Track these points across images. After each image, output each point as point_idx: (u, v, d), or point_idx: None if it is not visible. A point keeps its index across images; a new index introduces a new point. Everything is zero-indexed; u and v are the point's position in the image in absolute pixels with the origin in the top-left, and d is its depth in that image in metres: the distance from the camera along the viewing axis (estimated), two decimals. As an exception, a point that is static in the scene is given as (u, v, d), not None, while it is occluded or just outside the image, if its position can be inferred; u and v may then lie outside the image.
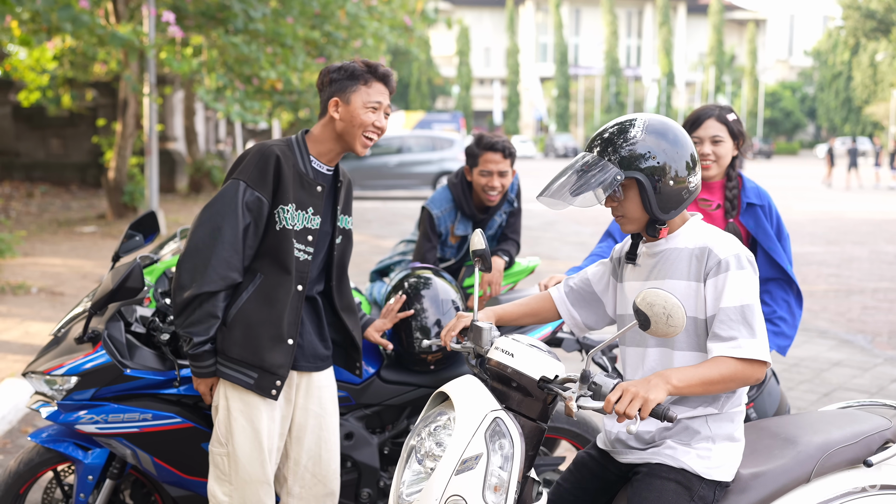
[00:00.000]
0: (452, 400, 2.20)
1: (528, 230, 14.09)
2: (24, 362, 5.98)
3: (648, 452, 2.30)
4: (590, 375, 2.09)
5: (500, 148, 3.89)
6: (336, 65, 2.80)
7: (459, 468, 2.08)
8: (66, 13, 8.99)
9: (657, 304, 1.99)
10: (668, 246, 2.31)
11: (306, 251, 2.78)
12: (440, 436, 2.18)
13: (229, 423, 2.76)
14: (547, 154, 57.40)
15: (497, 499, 2.09)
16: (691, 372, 2.13)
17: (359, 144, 2.78)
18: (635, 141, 2.22)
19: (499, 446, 2.11)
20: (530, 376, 2.17)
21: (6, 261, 9.71)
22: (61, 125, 19.53)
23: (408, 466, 2.23)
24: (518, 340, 2.25)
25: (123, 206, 14.21)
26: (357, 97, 2.74)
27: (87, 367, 2.96)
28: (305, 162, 2.79)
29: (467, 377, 2.27)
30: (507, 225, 4.14)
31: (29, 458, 3.13)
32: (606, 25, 67.38)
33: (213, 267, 2.65)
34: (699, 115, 3.32)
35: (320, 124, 2.82)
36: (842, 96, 63.79)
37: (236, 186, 2.69)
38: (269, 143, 2.77)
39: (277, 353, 2.74)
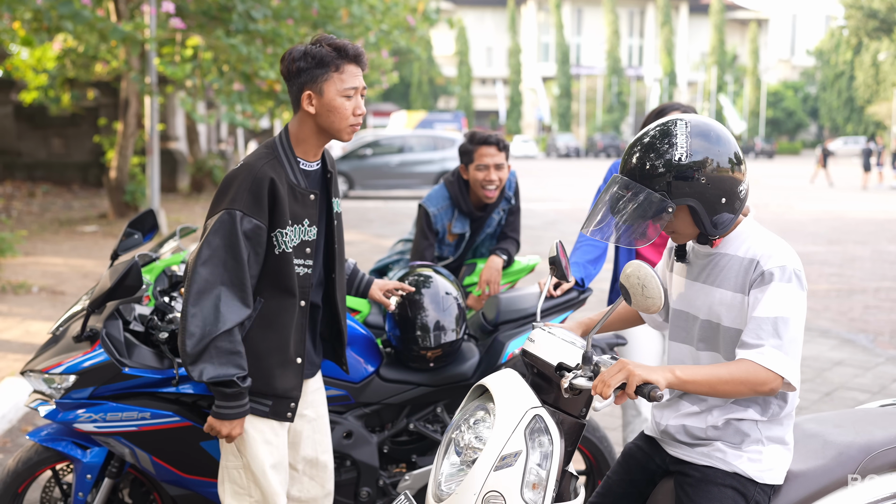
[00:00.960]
0: (493, 394, 2.18)
1: (530, 229, 14.08)
2: (24, 361, 5.98)
3: (697, 452, 2.26)
4: (591, 357, 2.08)
5: (493, 141, 3.90)
6: (300, 49, 2.53)
7: (498, 464, 2.08)
8: (66, 9, 8.99)
9: (633, 275, 2.00)
10: (719, 251, 2.25)
11: (305, 265, 2.61)
12: (479, 429, 2.18)
13: (242, 436, 2.63)
14: (549, 154, 57.37)
15: (535, 496, 2.08)
16: (700, 368, 2.09)
17: (344, 134, 2.58)
18: (682, 161, 2.11)
19: (538, 444, 2.11)
20: (548, 362, 2.17)
21: (7, 260, 9.71)
22: (63, 125, 19.55)
23: (446, 458, 2.22)
24: (546, 329, 2.25)
25: (125, 205, 14.21)
26: (330, 87, 2.51)
27: (85, 365, 2.95)
28: (295, 170, 2.59)
29: (507, 371, 2.26)
30: (507, 223, 4.13)
31: (27, 457, 3.12)
32: (608, 25, 67.32)
33: (224, 307, 2.45)
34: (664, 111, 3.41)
35: (297, 121, 2.60)
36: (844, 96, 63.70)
37: (233, 217, 2.46)
38: (259, 161, 2.53)
39: (289, 377, 2.63)
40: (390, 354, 3.38)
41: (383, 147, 22.10)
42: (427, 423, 3.40)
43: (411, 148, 22.00)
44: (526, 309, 3.42)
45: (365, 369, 3.26)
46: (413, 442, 3.43)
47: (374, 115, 49.87)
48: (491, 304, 3.54)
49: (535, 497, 2.08)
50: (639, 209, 2.12)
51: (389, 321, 3.31)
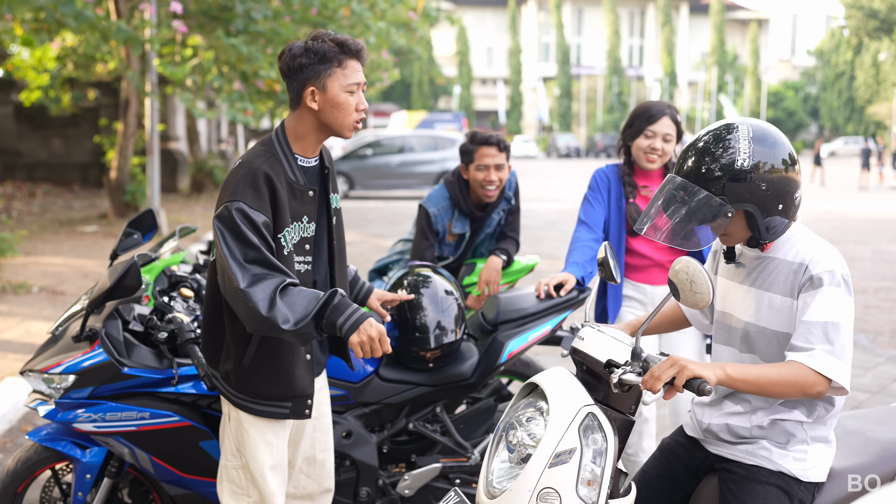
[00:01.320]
0: (545, 392, 2.20)
1: (530, 229, 14.08)
2: (24, 361, 5.96)
3: (742, 450, 2.29)
4: (641, 353, 2.11)
5: (494, 141, 3.90)
6: (300, 45, 2.50)
7: (553, 461, 2.10)
8: (69, 9, 9.00)
9: (681, 270, 2.03)
10: (769, 255, 2.27)
11: (305, 262, 2.59)
12: (531, 427, 2.19)
13: (241, 436, 2.63)
14: (549, 154, 57.36)
15: (590, 493, 2.11)
16: (750, 367, 2.11)
17: (347, 130, 2.55)
18: (743, 167, 2.12)
19: (592, 441, 2.13)
20: (597, 359, 2.20)
21: (7, 260, 9.71)
22: (63, 125, 19.55)
23: (496, 455, 2.24)
24: (595, 328, 2.29)
25: (125, 205, 14.21)
26: (334, 83, 2.48)
27: (84, 365, 2.96)
28: (293, 167, 2.55)
29: (558, 368, 2.29)
30: (507, 223, 4.13)
31: (27, 457, 3.12)
32: (608, 25, 67.31)
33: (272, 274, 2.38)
34: (654, 112, 3.53)
35: (296, 117, 2.56)
36: (844, 96, 63.67)
37: (233, 208, 2.40)
38: (256, 159, 2.49)
39: (302, 376, 2.61)
40: (390, 355, 3.38)
41: (384, 147, 22.10)
42: (426, 422, 3.40)
43: (412, 148, 22.00)
44: (525, 309, 3.42)
45: (364, 369, 3.26)
46: (412, 442, 3.43)
47: (375, 115, 49.89)
48: (490, 304, 3.53)
49: (590, 494, 2.10)
50: (696, 212, 2.14)
51: (389, 321, 3.31)
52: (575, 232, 3.64)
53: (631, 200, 3.61)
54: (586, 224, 3.60)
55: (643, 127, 3.55)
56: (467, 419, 3.44)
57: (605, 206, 3.64)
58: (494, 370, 3.34)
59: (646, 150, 3.55)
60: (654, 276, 3.66)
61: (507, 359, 3.34)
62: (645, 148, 3.55)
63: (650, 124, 3.53)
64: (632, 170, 3.67)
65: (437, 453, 3.37)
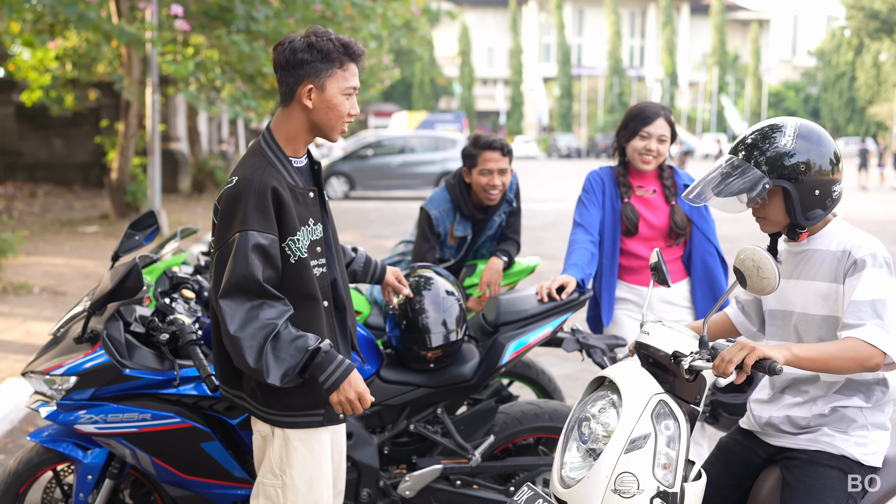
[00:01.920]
0: (617, 383, 2.29)
1: (530, 230, 14.08)
2: (25, 362, 5.98)
3: (804, 438, 2.39)
4: (707, 341, 2.23)
5: (498, 146, 3.90)
6: (301, 39, 2.43)
7: (628, 447, 2.18)
8: (72, 10, 9.02)
9: (747, 258, 2.14)
10: (810, 247, 2.41)
11: (320, 264, 2.53)
12: (604, 417, 2.28)
13: (288, 452, 2.52)
14: (550, 154, 57.35)
15: (666, 475, 2.19)
16: (812, 346, 2.23)
17: (335, 133, 2.51)
18: (785, 148, 2.30)
19: (664, 427, 2.22)
20: (664, 351, 2.28)
21: (8, 260, 9.71)
22: (64, 125, 19.55)
23: (568, 449, 2.33)
24: (662, 323, 2.37)
25: (126, 206, 14.22)
26: (333, 84, 2.43)
27: (86, 366, 2.96)
28: (291, 172, 2.49)
29: (627, 362, 2.39)
30: (507, 225, 4.14)
31: (28, 458, 3.13)
32: (609, 25, 67.31)
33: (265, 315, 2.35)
34: (649, 114, 3.60)
35: (286, 115, 2.50)
36: (845, 97, 63.67)
37: (246, 238, 2.35)
38: (255, 173, 2.42)
39: None
40: (391, 355, 3.38)
41: (384, 148, 22.10)
42: (427, 424, 3.41)
43: (412, 149, 21.99)
44: (526, 310, 3.42)
45: (365, 370, 3.26)
46: (413, 443, 3.43)
47: (376, 115, 49.89)
48: (491, 305, 3.54)
49: (666, 476, 2.19)
50: (739, 180, 2.30)
51: (390, 322, 3.31)
52: (571, 234, 3.67)
53: (626, 200, 3.65)
54: (582, 226, 3.64)
55: (638, 128, 3.60)
56: (468, 420, 3.45)
57: (600, 208, 3.68)
58: (495, 371, 3.34)
59: (641, 152, 3.60)
60: (648, 277, 3.67)
61: (508, 360, 3.34)
62: (640, 149, 3.60)
63: (645, 126, 3.59)
64: (626, 170, 3.70)
65: (437, 454, 3.37)
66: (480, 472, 3.39)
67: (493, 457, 3.48)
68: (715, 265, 3.68)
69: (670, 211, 3.65)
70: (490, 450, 3.40)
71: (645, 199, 3.68)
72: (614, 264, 3.69)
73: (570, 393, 5.61)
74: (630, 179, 3.69)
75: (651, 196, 3.68)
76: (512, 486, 3.42)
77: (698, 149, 53.64)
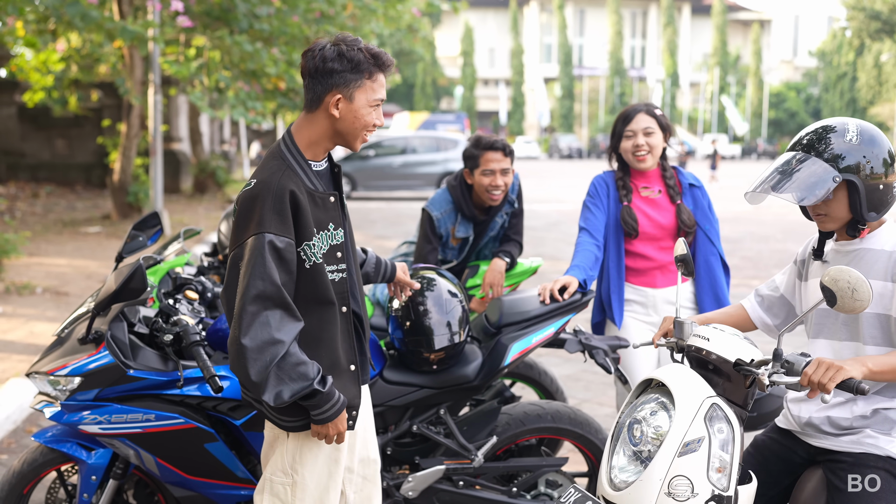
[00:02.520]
0: (669, 386, 2.27)
1: (532, 230, 14.08)
2: (28, 362, 6.00)
3: (847, 440, 2.40)
4: (781, 354, 2.20)
5: (499, 146, 3.91)
6: (332, 48, 2.41)
7: (682, 450, 2.17)
8: (75, 9, 9.03)
9: (842, 279, 2.11)
10: (862, 246, 2.42)
11: (339, 269, 2.50)
12: (655, 420, 2.26)
13: (301, 453, 2.53)
14: (551, 155, 57.35)
15: (721, 479, 2.18)
16: (886, 358, 2.24)
17: (358, 143, 2.50)
18: (851, 144, 2.32)
19: (718, 430, 2.21)
20: (726, 358, 2.28)
21: (11, 261, 9.72)
22: (66, 126, 19.57)
23: (616, 452, 2.32)
24: (717, 328, 2.38)
25: (128, 206, 14.23)
26: (361, 95, 2.42)
27: (90, 367, 2.97)
28: (310, 176, 2.47)
29: (677, 366, 2.38)
30: (510, 226, 4.14)
31: (32, 459, 3.14)
32: (611, 26, 67.32)
33: (276, 330, 2.33)
34: (629, 112, 3.67)
35: (310, 121, 2.48)
36: (846, 97, 63.63)
37: (262, 240, 2.33)
38: (274, 176, 2.40)
39: (347, 387, 2.53)
40: (393, 356, 3.39)
41: (386, 148, 22.10)
42: (430, 424, 3.41)
43: (414, 149, 21.99)
44: (529, 311, 3.43)
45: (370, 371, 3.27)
46: (416, 444, 3.44)
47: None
48: (494, 306, 3.54)
49: (720, 479, 2.18)
50: (807, 175, 2.31)
51: (392, 323, 3.32)
52: (577, 238, 3.70)
53: (625, 203, 3.67)
54: (587, 230, 3.67)
55: (622, 130, 3.66)
56: (471, 421, 3.45)
57: (605, 211, 3.69)
58: (498, 372, 3.34)
59: (631, 150, 3.64)
60: (655, 279, 3.68)
61: (511, 361, 3.35)
62: (630, 148, 3.64)
63: (626, 124, 3.64)
64: (627, 174, 3.72)
65: (440, 455, 3.38)
66: (483, 472, 3.40)
67: (495, 457, 3.49)
68: (717, 265, 3.69)
69: (676, 210, 3.67)
70: (493, 450, 3.41)
71: (651, 199, 3.69)
72: (621, 267, 3.69)
73: (572, 394, 5.62)
74: (634, 181, 3.71)
75: (657, 196, 3.70)
76: (514, 487, 3.43)
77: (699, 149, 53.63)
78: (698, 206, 3.71)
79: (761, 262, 11.68)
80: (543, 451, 3.62)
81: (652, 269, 3.67)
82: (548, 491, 3.50)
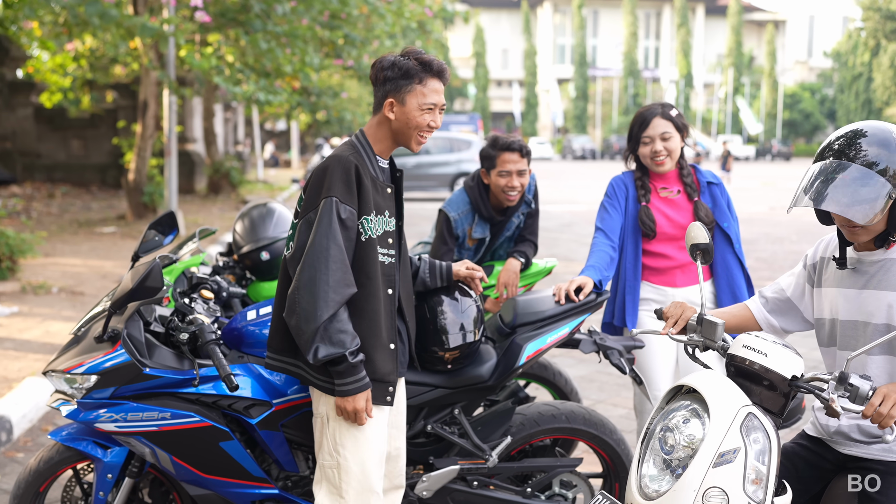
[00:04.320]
0: (703, 394, 2.21)
1: (546, 231, 14.07)
2: (44, 361, 6.03)
3: (877, 448, 2.38)
4: (848, 377, 2.15)
5: (516, 147, 3.90)
6: (389, 59, 2.72)
7: (717, 461, 2.11)
8: (94, 8, 9.08)
9: None
10: (887, 256, 2.37)
11: (389, 254, 2.76)
12: (688, 429, 2.20)
13: (342, 434, 2.72)
14: (564, 156, 57.26)
15: (757, 491, 2.12)
16: None
17: (414, 143, 2.80)
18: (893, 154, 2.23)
19: (754, 440, 2.15)
20: (782, 374, 2.22)
21: (27, 261, 9.79)
22: (82, 126, 19.69)
23: (646, 461, 2.27)
24: (765, 339, 2.30)
25: (143, 206, 14.30)
26: (412, 99, 2.71)
27: (106, 365, 2.98)
28: (374, 164, 2.77)
29: (709, 372, 2.32)
30: (525, 226, 4.14)
31: (49, 457, 3.15)
32: (626, 27, 67.18)
33: (331, 291, 2.58)
34: (645, 116, 3.63)
35: (375, 122, 2.79)
36: (862, 98, 63.23)
37: (331, 204, 2.62)
38: (344, 153, 2.70)
39: (384, 361, 2.73)
40: (408, 356, 3.39)
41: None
42: (444, 424, 3.41)
43: (427, 150, 21.96)
44: (543, 311, 3.42)
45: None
46: (430, 444, 3.44)
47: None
48: (508, 306, 3.54)
49: (757, 492, 2.12)
50: (860, 187, 2.22)
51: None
52: (593, 238, 3.70)
53: (643, 204, 3.66)
54: (602, 231, 3.67)
55: (639, 135, 3.64)
56: (485, 421, 3.45)
57: (622, 213, 3.68)
58: (512, 372, 3.34)
59: (650, 156, 3.63)
60: (675, 278, 3.67)
61: (525, 361, 3.34)
62: (648, 154, 3.63)
63: (643, 130, 3.63)
64: (646, 174, 3.71)
65: (454, 455, 3.37)
66: (497, 472, 3.39)
67: (509, 458, 3.48)
68: (734, 264, 3.67)
69: (694, 207, 3.66)
70: (507, 451, 3.40)
71: (669, 199, 3.69)
72: (637, 268, 3.68)
73: (586, 395, 5.60)
74: (653, 182, 3.71)
75: (676, 197, 3.69)
76: (529, 488, 3.42)
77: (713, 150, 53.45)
78: (717, 203, 3.70)
79: (776, 264, 11.63)
80: (558, 452, 3.61)
81: (672, 269, 3.66)
82: (562, 491, 3.49)
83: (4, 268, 8.86)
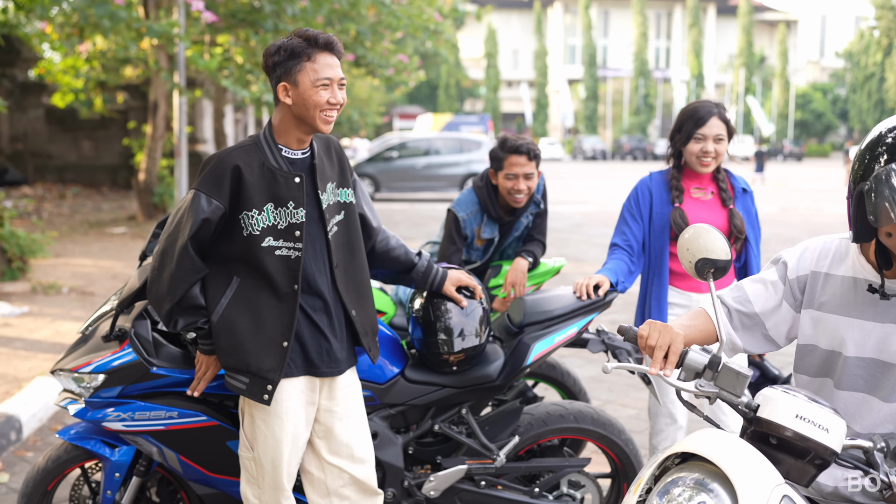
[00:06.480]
0: (725, 471, 1.77)
1: (556, 232, 14.05)
2: (54, 361, 6.05)
3: None
4: None
5: (524, 150, 3.86)
6: (275, 45, 2.63)
7: None
8: (103, 10, 9.11)
9: None
10: None
11: (296, 248, 2.68)
12: None
13: (253, 430, 2.78)
14: (575, 156, 57.19)
15: None
16: None
17: (320, 123, 2.65)
18: None
19: None
20: (832, 448, 1.83)
21: (38, 261, 9.83)
22: (93, 127, 19.77)
23: None
24: (814, 400, 1.88)
25: (153, 207, 14.34)
26: (304, 77, 2.59)
27: (114, 364, 2.98)
28: (276, 156, 2.68)
29: (733, 439, 1.87)
30: (533, 226, 4.12)
31: (57, 456, 3.16)
32: (636, 27, 67.05)
33: (176, 276, 2.65)
34: (702, 114, 3.45)
35: (278, 112, 2.70)
36: (874, 98, 62.94)
37: (193, 196, 2.64)
38: (231, 149, 2.68)
39: (267, 358, 2.69)
40: (415, 356, 3.38)
41: (409, 149, 22.14)
42: (452, 424, 3.40)
43: (437, 150, 22.01)
44: (551, 311, 3.41)
45: (390, 370, 3.27)
46: (438, 443, 3.43)
47: (400, 117, 50.01)
48: (516, 306, 3.53)
49: None
50: None
51: (412, 324, 3.30)
52: (609, 253, 3.62)
53: (676, 205, 3.52)
54: (620, 248, 3.57)
55: (692, 131, 3.46)
56: (493, 421, 3.44)
57: (642, 221, 3.57)
58: (520, 372, 3.33)
59: (698, 155, 3.47)
60: (700, 283, 3.58)
61: (533, 361, 3.33)
62: (697, 153, 3.47)
63: (698, 127, 3.45)
64: (680, 173, 3.58)
65: (462, 455, 3.37)
66: (505, 472, 3.38)
67: (517, 458, 3.47)
68: None
69: (729, 214, 3.51)
70: (515, 450, 3.39)
71: (702, 201, 3.54)
72: (664, 272, 3.56)
73: (595, 395, 5.59)
74: (686, 182, 3.57)
75: (708, 198, 3.55)
76: (536, 488, 3.41)
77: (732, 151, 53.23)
78: (748, 212, 3.57)
79: (787, 264, 11.57)
80: (566, 452, 3.60)
81: None
82: (570, 492, 3.48)
83: (15, 268, 8.89)
